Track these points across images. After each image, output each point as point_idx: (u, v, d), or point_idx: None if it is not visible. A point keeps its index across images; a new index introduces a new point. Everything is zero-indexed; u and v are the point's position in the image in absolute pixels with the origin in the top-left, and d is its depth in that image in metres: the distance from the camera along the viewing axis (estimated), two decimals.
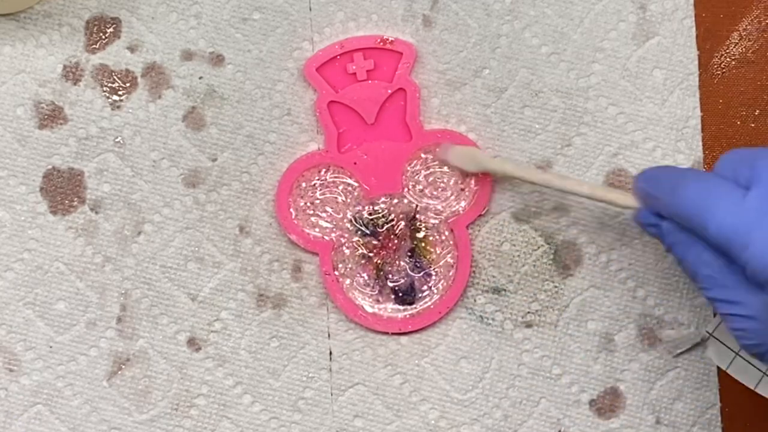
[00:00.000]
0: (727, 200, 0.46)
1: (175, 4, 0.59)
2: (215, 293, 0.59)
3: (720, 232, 0.46)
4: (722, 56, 0.60)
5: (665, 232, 0.50)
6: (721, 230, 0.46)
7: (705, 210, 0.46)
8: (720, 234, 0.46)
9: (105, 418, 0.58)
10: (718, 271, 0.47)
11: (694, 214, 0.47)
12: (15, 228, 0.59)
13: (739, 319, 0.47)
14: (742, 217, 0.45)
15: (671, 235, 0.49)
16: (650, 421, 0.58)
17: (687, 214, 0.47)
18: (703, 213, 0.46)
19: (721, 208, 0.46)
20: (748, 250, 0.45)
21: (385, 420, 0.59)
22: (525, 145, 0.59)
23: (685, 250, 0.49)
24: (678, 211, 0.48)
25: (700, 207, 0.47)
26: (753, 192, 0.46)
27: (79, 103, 0.59)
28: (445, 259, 0.58)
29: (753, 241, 0.45)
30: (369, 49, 0.59)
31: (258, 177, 0.59)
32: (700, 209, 0.47)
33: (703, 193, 0.47)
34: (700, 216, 0.47)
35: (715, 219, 0.46)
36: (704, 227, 0.46)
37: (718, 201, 0.46)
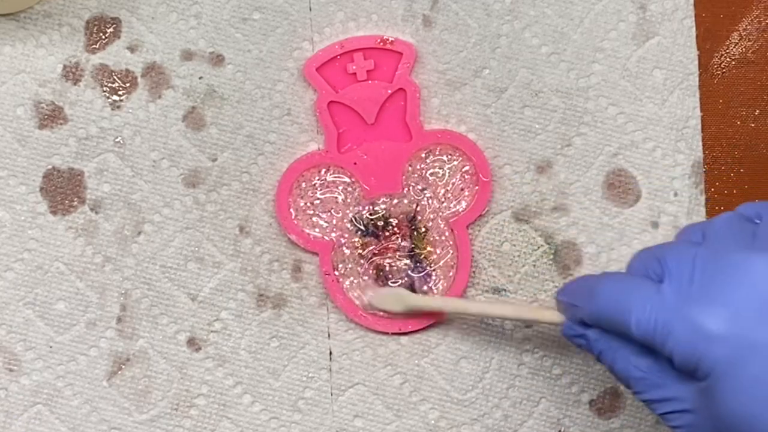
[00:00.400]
0: (643, 295, 0.46)
1: (175, 4, 0.59)
2: (215, 293, 0.59)
3: (640, 328, 0.46)
4: (722, 56, 0.60)
5: (591, 340, 0.50)
6: (641, 326, 0.46)
7: (623, 309, 0.47)
8: (641, 329, 0.46)
9: (105, 418, 0.58)
10: (648, 372, 0.47)
11: (613, 315, 0.47)
12: (15, 228, 0.59)
13: (676, 415, 0.47)
14: (660, 308, 0.45)
15: (598, 342, 0.49)
16: (650, 421, 0.58)
17: (607, 317, 0.48)
18: (622, 312, 0.47)
19: (638, 304, 0.46)
20: (669, 342, 0.45)
21: (385, 420, 0.59)
22: (525, 145, 0.59)
23: (614, 355, 0.49)
24: (598, 315, 0.48)
25: (617, 307, 0.47)
26: (665, 284, 0.46)
27: (79, 103, 0.59)
28: (445, 259, 0.58)
29: (673, 331, 0.45)
30: (369, 49, 0.59)
31: (258, 177, 0.59)
32: (618, 309, 0.47)
33: (619, 292, 0.47)
34: (619, 316, 0.47)
35: (634, 315, 0.46)
36: (625, 326, 0.46)
37: (634, 298, 0.46)
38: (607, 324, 0.48)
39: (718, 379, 0.44)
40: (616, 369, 0.49)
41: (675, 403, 0.47)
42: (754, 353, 0.43)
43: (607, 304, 0.48)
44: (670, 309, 0.45)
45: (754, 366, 0.43)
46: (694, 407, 0.46)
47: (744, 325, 0.44)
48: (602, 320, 0.48)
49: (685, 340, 0.45)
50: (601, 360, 0.50)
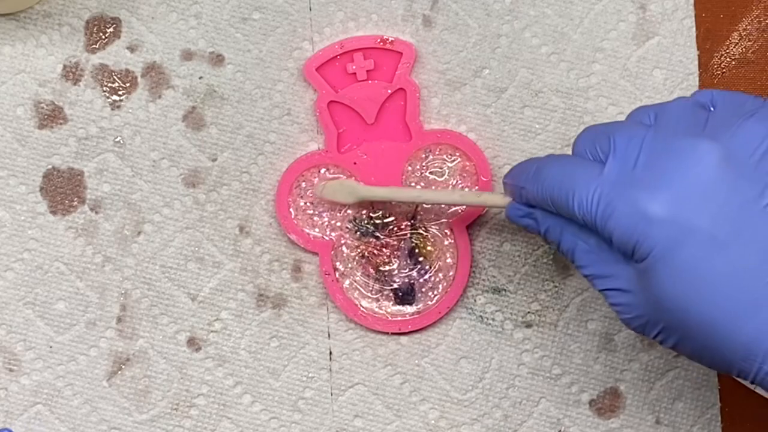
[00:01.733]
0: (586, 176, 0.46)
1: (175, 4, 0.59)
2: (215, 293, 0.59)
3: (583, 207, 0.46)
4: (722, 56, 0.60)
5: (538, 218, 0.50)
6: (584, 206, 0.46)
7: (566, 189, 0.47)
8: (584, 210, 0.46)
9: (105, 418, 0.58)
10: (594, 248, 0.48)
11: (557, 195, 0.48)
12: (15, 228, 0.59)
13: (615, 293, 0.47)
14: (602, 189, 0.46)
15: (544, 220, 0.50)
16: (650, 421, 0.58)
17: (551, 197, 0.48)
18: (566, 192, 0.47)
19: (581, 185, 0.46)
20: (610, 221, 0.45)
21: (385, 420, 0.59)
22: (525, 145, 0.59)
23: (560, 233, 0.49)
24: (542, 195, 0.49)
25: (561, 187, 0.47)
26: (609, 164, 0.46)
27: (79, 103, 0.59)
28: (445, 259, 0.58)
29: (614, 211, 0.45)
30: (369, 49, 0.59)
31: (258, 177, 0.59)
32: (561, 189, 0.47)
33: (562, 173, 0.48)
34: (562, 196, 0.47)
35: (578, 196, 0.46)
36: (568, 206, 0.47)
37: (577, 178, 0.47)
38: (551, 205, 0.48)
39: (655, 262, 0.45)
40: (562, 245, 0.49)
41: (614, 281, 0.47)
42: (692, 237, 0.44)
43: (550, 184, 0.48)
44: (611, 190, 0.46)
45: (690, 249, 0.44)
46: (632, 288, 0.46)
47: (685, 209, 0.44)
48: (547, 200, 0.48)
49: (626, 221, 0.45)
50: (548, 238, 0.50)
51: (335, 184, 0.58)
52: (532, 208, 0.51)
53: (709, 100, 0.48)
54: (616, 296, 0.47)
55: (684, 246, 0.44)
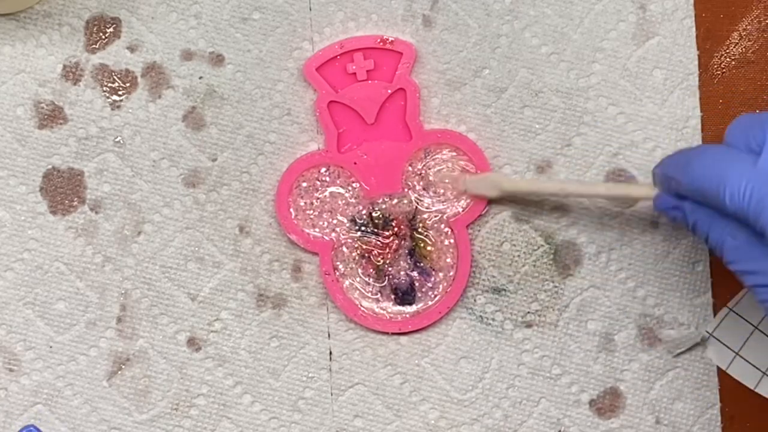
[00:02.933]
0: (739, 168, 0.46)
1: (175, 4, 0.59)
2: (215, 293, 0.59)
3: (735, 200, 0.46)
4: (722, 56, 0.60)
5: (687, 211, 0.50)
6: (735, 199, 0.46)
7: (718, 181, 0.46)
8: (735, 203, 0.46)
9: (105, 418, 0.58)
10: (743, 243, 0.47)
11: (708, 187, 0.47)
12: (15, 228, 0.59)
13: (765, 289, 0.47)
14: (756, 182, 0.45)
15: (693, 213, 0.49)
16: (650, 421, 0.58)
17: (702, 188, 0.47)
18: (717, 184, 0.46)
19: (734, 177, 0.46)
20: (763, 216, 0.45)
21: (385, 420, 0.59)
22: (525, 145, 0.59)
23: (709, 226, 0.49)
24: (693, 186, 0.48)
25: (713, 179, 0.47)
26: (763, 156, 0.46)
27: (79, 103, 0.59)
28: (445, 259, 0.58)
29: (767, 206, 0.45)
30: (369, 49, 0.59)
31: (258, 177, 0.59)
32: (713, 181, 0.47)
33: (715, 165, 0.47)
34: (714, 188, 0.47)
35: (729, 188, 0.46)
36: (719, 199, 0.46)
37: (730, 170, 0.46)
38: (701, 196, 0.48)
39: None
40: (710, 238, 0.49)
41: (765, 276, 0.47)
42: None
43: (702, 175, 0.47)
44: (766, 184, 0.45)
45: None
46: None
47: None
48: (697, 192, 0.48)
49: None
50: (696, 231, 0.49)
51: (479, 179, 0.58)
52: (681, 200, 0.50)
53: None
54: (766, 292, 0.47)
55: None
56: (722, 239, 0.48)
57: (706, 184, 0.47)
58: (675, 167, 0.50)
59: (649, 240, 0.59)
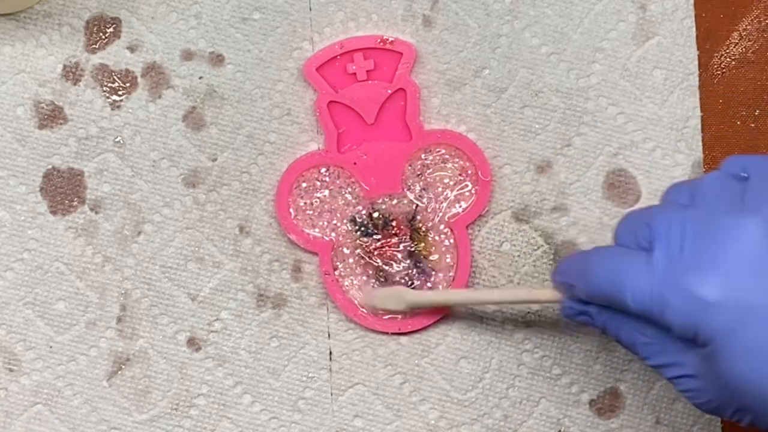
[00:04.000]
0: (635, 269, 0.46)
1: (175, 4, 0.59)
2: (215, 293, 0.59)
3: (637, 301, 0.46)
4: (722, 56, 0.60)
5: (593, 315, 0.50)
6: (636, 302, 0.46)
7: (617, 285, 0.46)
8: (637, 304, 0.46)
9: (105, 418, 0.58)
10: (653, 339, 0.47)
11: (608, 292, 0.47)
12: (15, 228, 0.59)
13: (683, 380, 0.47)
14: (653, 280, 0.45)
15: (599, 316, 0.49)
16: (650, 421, 0.58)
17: (602, 294, 0.47)
18: (617, 288, 0.46)
19: (631, 279, 0.46)
20: (666, 313, 0.45)
21: (385, 420, 0.59)
22: (525, 145, 0.59)
23: (617, 327, 0.49)
24: (593, 293, 0.48)
25: (611, 283, 0.47)
26: (655, 253, 0.45)
27: (79, 103, 0.59)
28: (445, 259, 0.58)
29: (668, 303, 0.45)
30: (369, 49, 0.59)
31: (258, 177, 0.59)
32: (612, 285, 0.47)
33: (611, 268, 0.47)
34: (614, 292, 0.47)
35: (629, 291, 0.46)
36: (622, 302, 0.46)
37: (626, 272, 0.46)
38: (604, 301, 0.48)
39: (718, 346, 0.44)
40: (621, 338, 0.49)
41: (680, 368, 0.47)
42: (752, 316, 0.43)
43: (600, 281, 0.47)
44: (663, 280, 0.45)
45: (753, 329, 0.43)
46: (699, 372, 0.46)
47: (739, 288, 0.43)
48: (598, 297, 0.48)
49: (682, 311, 0.44)
50: (606, 333, 0.49)
51: (385, 293, 0.58)
52: (585, 304, 0.50)
53: (741, 169, 0.47)
54: (685, 382, 0.47)
55: (745, 326, 0.43)
56: (632, 338, 0.48)
57: (606, 288, 0.47)
58: (572, 274, 0.50)
59: None
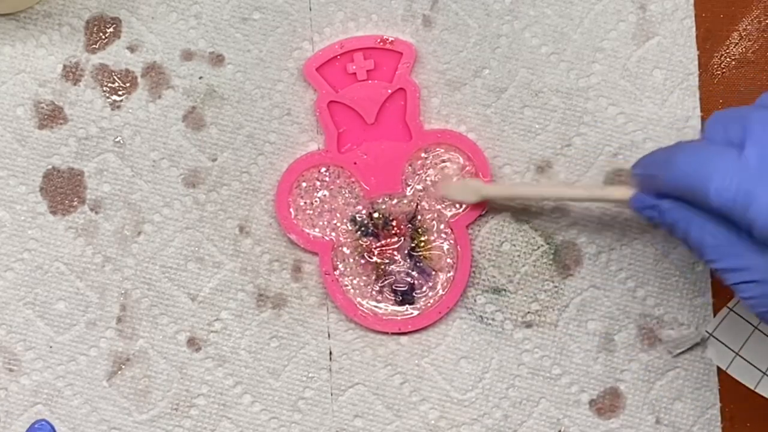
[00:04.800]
0: (723, 162, 0.45)
1: (175, 4, 0.59)
2: (215, 293, 0.59)
3: (720, 195, 0.45)
4: (722, 56, 0.60)
5: (665, 210, 0.49)
6: (721, 194, 0.45)
7: (702, 177, 0.46)
8: (721, 198, 0.45)
9: (105, 418, 0.58)
10: (724, 240, 0.46)
11: (692, 183, 0.46)
12: (15, 228, 0.59)
13: (750, 286, 0.46)
14: (741, 176, 0.44)
15: (671, 212, 0.49)
16: (650, 421, 0.58)
17: (685, 185, 0.47)
18: (701, 180, 0.45)
19: (719, 171, 0.45)
20: (751, 209, 0.44)
21: (385, 420, 0.59)
22: (525, 145, 0.59)
23: (688, 225, 0.48)
24: (676, 183, 0.47)
25: (696, 175, 0.46)
26: (748, 149, 0.45)
27: (79, 103, 0.59)
28: (445, 259, 0.58)
29: (756, 198, 0.44)
30: (369, 49, 0.59)
31: (258, 177, 0.59)
32: (697, 177, 0.46)
33: (698, 160, 0.46)
34: (698, 184, 0.46)
35: (714, 183, 0.45)
36: (704, 194, 0.45)
37: (714, 165, 0.45)
38: (684, 193, 0.47)
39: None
40: (690, 238, 0.48)
41: (749, 273, 0.46)
42: None
43: (685, 171, 0.46)
44: (752, 177, 0.44)
45: None
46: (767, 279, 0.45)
47: None
48: (680, 188, 0.47)
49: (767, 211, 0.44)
50: (674, 230, 0.49)
51: (459, 185, 0.58)
52: (659, 199, 0.49)
53: None
54: (751, 289, 0.46)
55: None
56: (702, 237, 0.47)
57: (690, 180, 0.46)
58: (656, 165, 0.49)
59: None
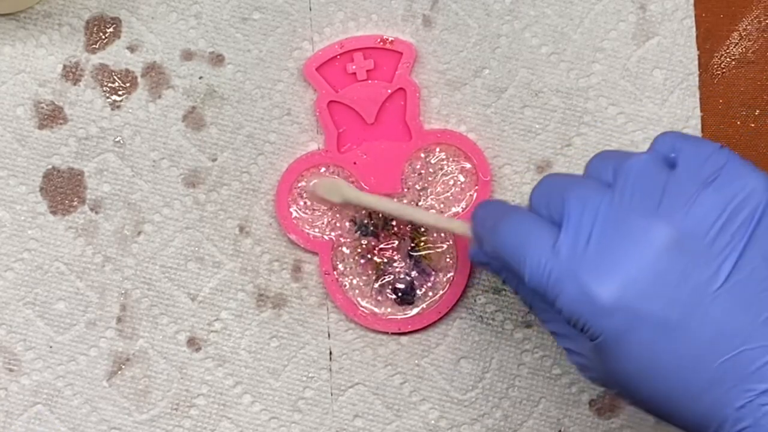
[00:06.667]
0: (538, 246, 0.45)
1: (175, 4, 0.59)
2: (215, 293, 0.59)
3: (533, 279, 0.45)
4: (722, 56, 0.60)
5: (496, 268, 0.50)
6: (533, 278, 0.45)
7: (519, 255, 0.46)
8: (533, 282, 0.45)
9: (105, 418, 0.58)
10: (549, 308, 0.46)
11: (510, 259, 0.46)
12: (15, 228, 0.59)
13: (573, 354, 0.47)
14: (552, 264, 0.44)
15: (503, 271, 0.49)
16: (650, 421, 0.58)
17: (504, 258, 0.47)
18: (518, 259, 0.46)
19: (532, 255, 0.45)
20: (559, 300, 0.44)
21: (385, 420, 0.59)
22: (525, 145, 0.59)
23: (518, 286, 0.49)
24: (497, 253, 0.47)
25: (515, 250, 0.46)
26: (562, 236, 0.45)
27: (79, 103, 0.59)
28: (445, 259, 0.58)
29: (563, 291, 0.44)
30: (369, 49, 0.59)
31: (258, 177, 0.59)
32: (514, 254, 0.46)
33: (517, 236, 0.46)
34: (515, 261, 0.46)
35: (528, 266, 0.45)
36: (521, 272, 0.46)
37: (530, 246, 0.45)
38: (506, 263, 0.47)
39: (606, 345, 0.44)
40: (520, 296, 0.49)
41: (572, 342, 0.47)
42: (642, 323, 0.43)
43: (505, 244, 0.47)
44: (562, 268, 0.44)
45: (641, 335, 0.43)
46: (588, 355, 0.46)
47: (634, 297, 0.43)
48: (502, 259, 0.47)
49: (575, 303, 0.44)
50: (506, 284, 0.49)
51: (327, 182, 0.58)
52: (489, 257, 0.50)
53: (671, 149, 0.46)
54: (574, 357, 0.47)
55: (634, 332, 0.43)
56: (531, 300, 0.48)
57: (508, 254, 0.46)
58: (483, 227, 0.49)
59: None
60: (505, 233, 0.47)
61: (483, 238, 0.49)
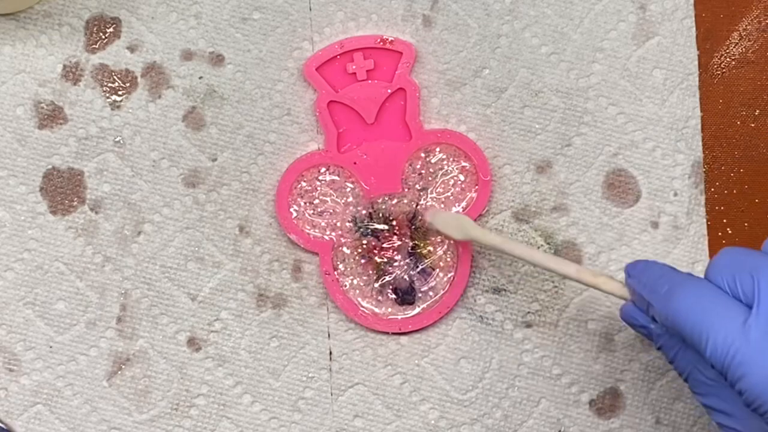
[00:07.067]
0: (725, 324, 0.43)
1: (175, 4, 0.59)
2: (215, 293, 0.59)
3: (714, 355, 0.43)
4: (722, 56, 0.60)
5: (655, 334, 0.48)
6: (715, 354, 0.43)
7: (700, 330, 0.44)
8: (714, 358, 0.43)
9: (105, 418, 0.58)
10: (711, 380, 0.45)
11: (689, 331, 0.44)
12: (15, 228, 0.59)
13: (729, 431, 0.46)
14: (739, 344, 0.43)
15: (662, 338, 0.48)
16: (650, 421, 0.58)
17: (681, 329, 0.45)
18: (699, 334, 0.44)
19: (718, 333, 0.43)
20: (742, 382, 0.43)
21: (385, 420, 0.59)
22: (525, 145, 0.59)
23: (677, 355, 0.47)
24: (672, 323, 0.45)
25: (694, 326, 0.44)
26: (752, 319, 0.43)
27: (79, 103, 0.59)
28: (445, 259, 0.58)
29: (750, 373, 0.43)
30: (369, 49, 0.59)
31: (258, 177, 0.59)
32: (695, 328, 0.44)
33: (699, 310, 0.44)
34: (696, 335, 0.44)
35: (711, 343, 0.43)
36: (698, 345, 0.44)
37: (715, 322, 0.44)
38: (678, 333, 0.45)
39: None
40: (677, 366, 0.47)
41: (733, 420, 0.45)
42: None
43: (684, 317, 0.45)
44: (751, 349, 0.43)
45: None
46: None
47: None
48: (674, 329, 0.45)
49: (760, 388, 0.42)
50: (662, 352, 0.48)
51: (449, 217, 0.57)
52: (650, 321, 0.48)
53: None
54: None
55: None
56: (690, 371, 0.47)
57: (687, 327, 0.44)
58: (652, 293, 0.47)
59: (649, 240, 0.59)
60: (685, 302, 0.45)
61: (652, 302, 0.47)
